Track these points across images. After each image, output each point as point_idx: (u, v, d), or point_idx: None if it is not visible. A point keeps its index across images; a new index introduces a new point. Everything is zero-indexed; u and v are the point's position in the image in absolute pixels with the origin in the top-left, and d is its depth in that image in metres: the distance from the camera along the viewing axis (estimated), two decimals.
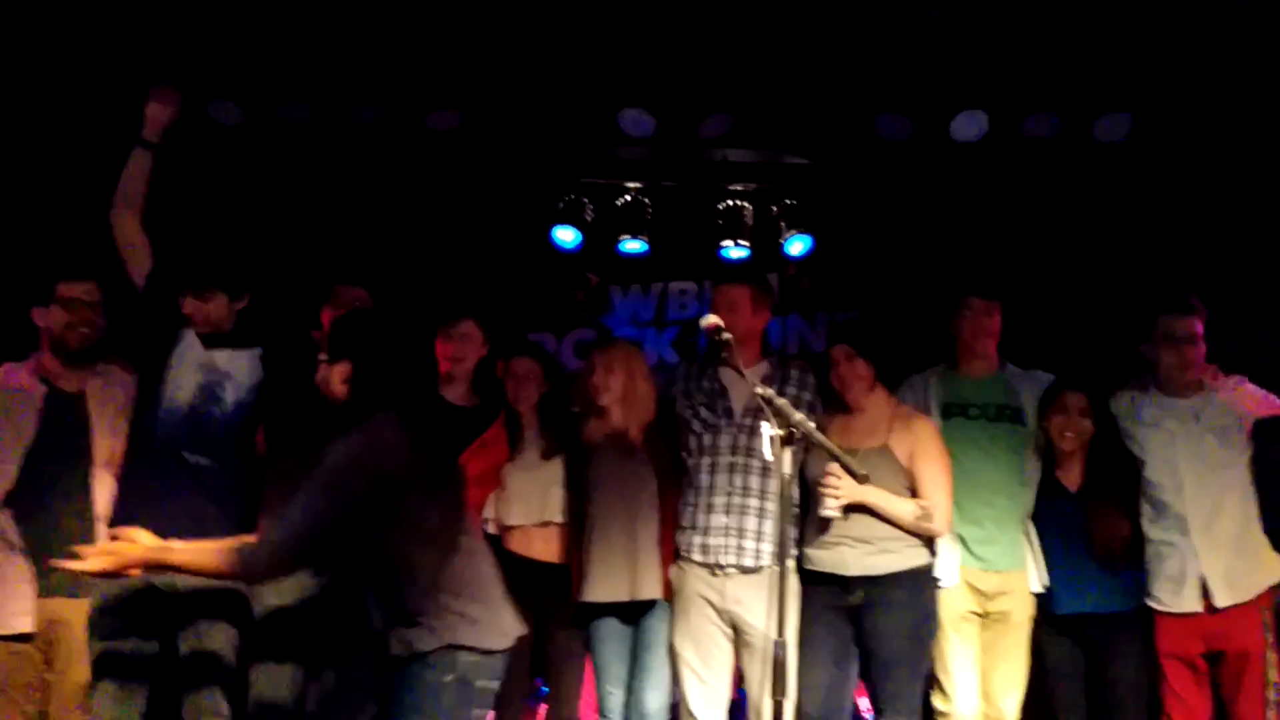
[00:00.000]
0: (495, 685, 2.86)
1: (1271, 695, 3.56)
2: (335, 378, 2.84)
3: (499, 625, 2.87)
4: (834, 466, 3.56)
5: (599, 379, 3.79)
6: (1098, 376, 3.98)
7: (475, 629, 2.78)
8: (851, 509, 3.62)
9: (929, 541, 3.73)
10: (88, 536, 3.43)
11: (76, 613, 3.38)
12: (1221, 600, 3.64)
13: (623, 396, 3.77)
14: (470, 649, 2.76)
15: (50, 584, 3.38)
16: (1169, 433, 3.76)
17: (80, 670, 3.40)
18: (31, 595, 3.33)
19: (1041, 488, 3.89)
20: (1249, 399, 3.78)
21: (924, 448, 3.73)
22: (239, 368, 3.56)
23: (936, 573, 3.78)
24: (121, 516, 3.40)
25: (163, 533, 3.08)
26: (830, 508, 3.60)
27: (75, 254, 3.86)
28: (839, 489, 3.57)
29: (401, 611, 2.76)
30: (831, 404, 3.85)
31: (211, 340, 3.54)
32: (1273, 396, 3.78)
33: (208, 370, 3.52)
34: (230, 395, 3.53)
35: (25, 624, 3.31)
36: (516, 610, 3.69)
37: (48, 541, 3.38)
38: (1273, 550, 3.72)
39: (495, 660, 2.84)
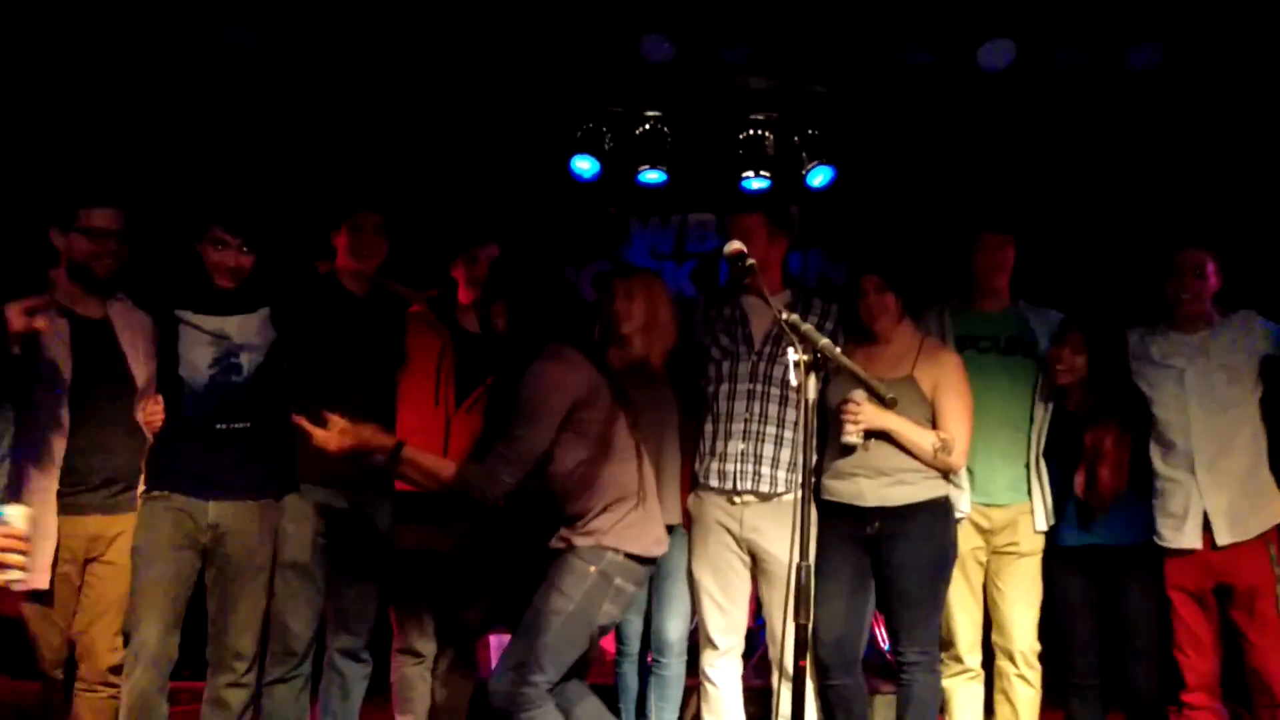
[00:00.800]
0: (633, 589, 3.31)
1: None
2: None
3: (648, 535, 3.33)
4: (856, 393, 3.56)
5: (621, 307, 3.76)
6: (1119, 312, 3.94)
7: (625, 534, 3.26)
8: (872, 438, 3.61)
9: (946, 474, 3.73)
10: (137, 460, 3.49)
11: (119, 525, 3.45)
12: (1222, 538, 3.63)
13: (645, 325, 3.74)
14: (616, 550, 3.24)
15: (92, 502, 3.41)
16: (1177, 370, 3.74)
17: (116, 586, 3.45)
18: (49, 552, 3.31)
19: (1053, 421, 3.87)
20: (1258, 331, 3.74)
21: (948, 380, 3.71)
22: (250, 333, 3.58)
23: (954, 504, 3.77)
24: (163, 480, 3.47)
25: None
26: (851, 434, 3.60)
27: (97, 177, 3.84)
28: (859, 414, 3.58)
29: (566, 513, 3.28)
30: (855, 335, 3.82)
31: (219, 306, 3.54)
32: None
33: (219, 342, 3.54)
34: (247, 361, 3.57)
35: (40, 581, 3.30)
36: (528, 539, 3.82)
37: (101, 469, 3.42)
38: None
39: (637, 566, 3.29)
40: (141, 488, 3.50)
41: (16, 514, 2.66)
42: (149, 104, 4.83)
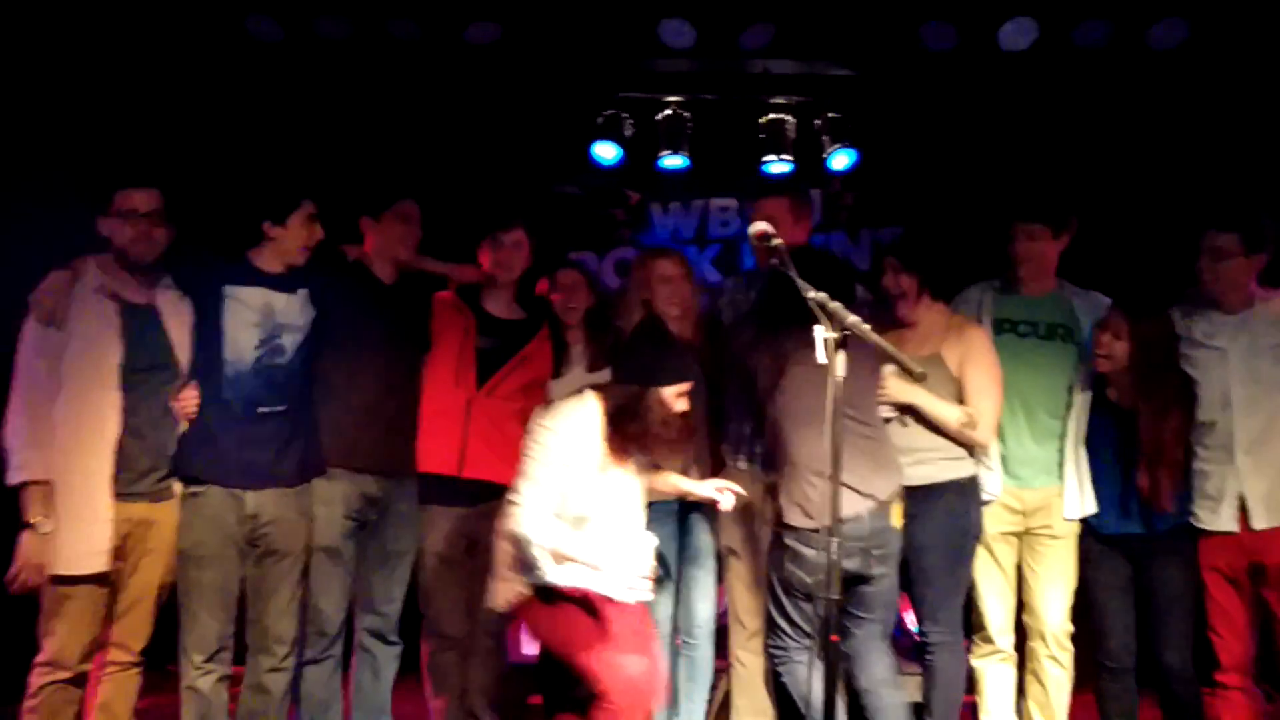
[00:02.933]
0: (823, 559, 3.12)
1: None
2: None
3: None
4: (887, 368, 3.56)
5: (675, 287, 3.84)
6: (1164, 295, 3.88)
7: (815, 505, 3.31)
8: (895, 417, 3.62)
9: (972, 455, 3.71)
10: (173, 447, 3.49)
11: (161, 513, 3.47)
12: (1259, 523, 3.61)
13: (687, 306, 3.81)
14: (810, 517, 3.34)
15: (140, 489, 3.42)
16: (1220, 351, 3.69)
17: (157, 572, 3.47)
18: (108, 535, 3.34)
19: (1094, 407, 3.84)
20: None
21: (974, 355, 3.71)
22: (293, 312, 3.60)
23: (983, 485, 3.77)
24: (200, 472, 3.48)
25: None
26: (881, 410, 3.59)
27: (134, 159, 3.86)
28: (885, 388, 3.58)
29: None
30: (885, 319, 3.79)
31: (267, 284, 3.56)
32: None
33: (266, 321, 3.55)
34: (290, 342, 3.58)
35: (101, 563, 3.33)
36: None
37: (147, 455, 3.43)
38: None
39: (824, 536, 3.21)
40: (175, 477, 3.50)
41: None
42: (181, 93, 4.86)
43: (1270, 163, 4.70)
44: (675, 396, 3.36)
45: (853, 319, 2.78)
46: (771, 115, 5.34)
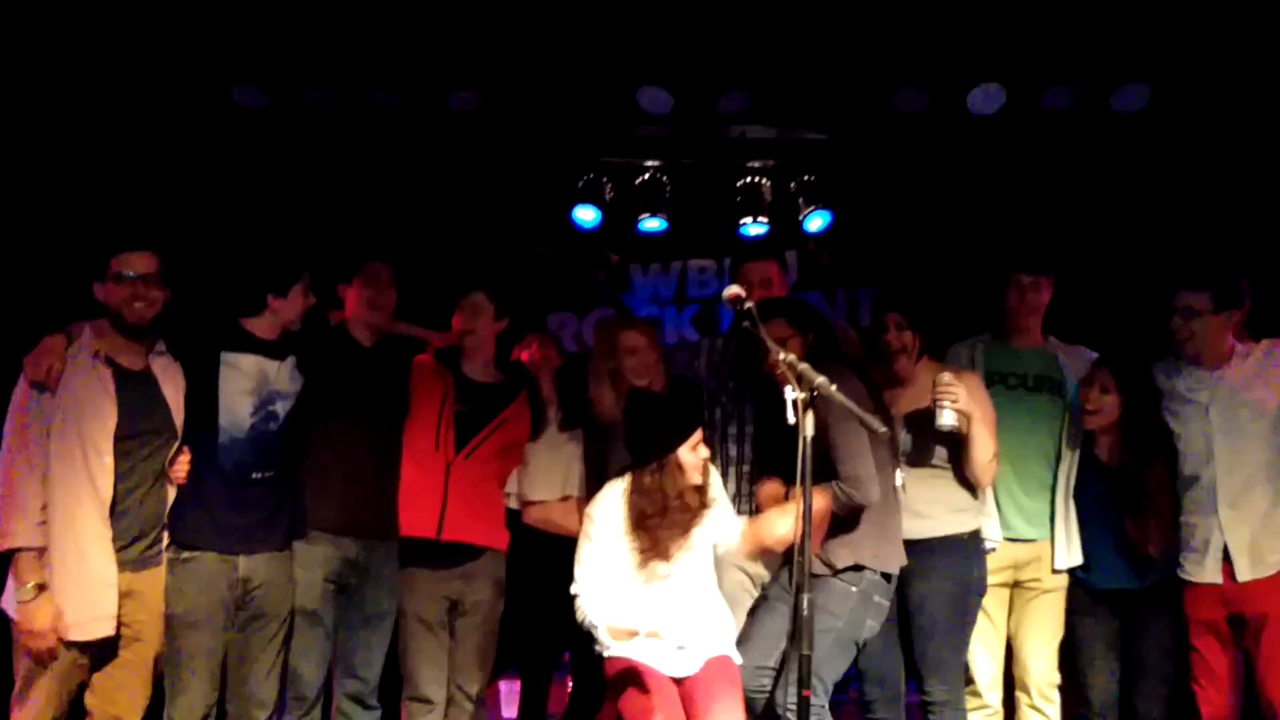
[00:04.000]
0: (886, 603, 3.51)
1: None
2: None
3: (895, 553, 3.54)
4: (944, 375, 3.57)
5: (641, 357, 3.90)
6: (1147, 350, 3.97)
7: (879, 554, 3.46)
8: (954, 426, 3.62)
9: (972, 507, 3.75)
10: (164, 514, 3.49)
11: (145, 582, 3.45)
12: (1243, 575, 3.66)
13: (655, 374, 3.88)
14: (872, 570, 3.44)
15: (127, 559, 3.41)
16: (1200, 405, 3.76)
17: (153, 641, 3.46)
18: (114, 599, 3.33)
19: (1080, 463, 3.91)
20: None
21: (973, 398, 3.68)
22: (284, 379, 3.64)
23: (985, 536, 3.81)
24: (194, 538, 3.48)
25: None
26: (948, 419, 3.56)
27: (131, 224, 3.88)
28: (955, 390, 3.55)
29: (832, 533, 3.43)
30: (882, 377, 3.82)
31: (262, 351, 3.60)
32: None
33: (261, 388, 3.59)
34: (282, 408, 3.62)
35: (108, 627, 3.33)
36: (537, 582, 3.81)
37: (137, 524, 3.43)
38: None
39: (888, 582, 3.51)
40: (166, 542, 3.50)
41: None
42: (171, 160, 4.93)
43: (1234, 220, 4.80)
44: (693, 449, 3.45)
45: (820, 379, 2.85)
46: (748, 178, 5.45)
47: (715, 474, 3.64)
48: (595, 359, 4.05)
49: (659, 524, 3.44)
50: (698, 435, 3.49)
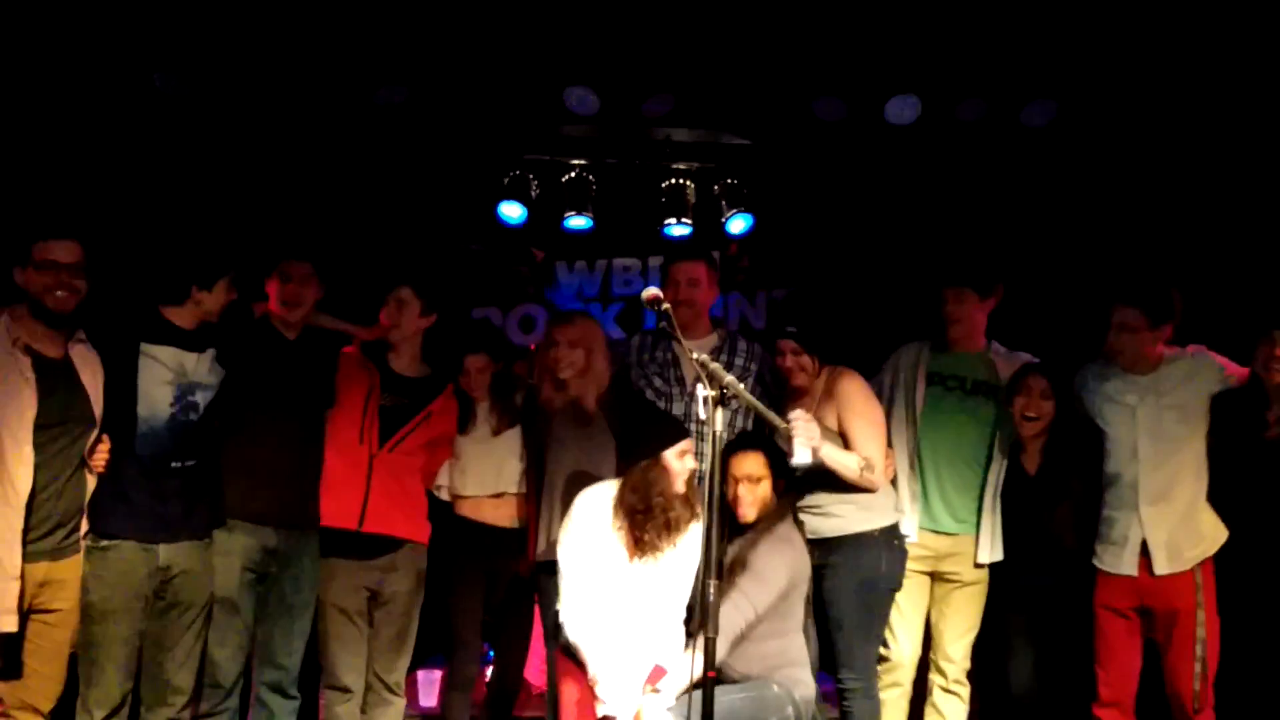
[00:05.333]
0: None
1: (1199, 651, 3.75)
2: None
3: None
4: (799, 412, 3.65)
5: (563, 353, 3.94)
6: (1069, 357, 4.14)
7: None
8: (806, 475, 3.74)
9: (881, 506, 3.90)
10: (82, 503, 3.46)
11: (63, 571, 3.42)
12: (1160, 569, 3.82)
13: (583, 370, 3.93)
14: None
15: (44, 549, 3.37)
16: (1129, 407, 3.91)
17: (61, 632, 3.43)
18: (15, 593, 3.28)
19: (1007, 469, 4.07)
20: (1207, 367, 3.89)
21: (849, 405, 3.88)
22: (204, 371, 3.63)
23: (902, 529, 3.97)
24: (113, 526, 3.46)
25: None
26: (803, 456, 3.60)
27: (54, 210, 3.81)
28: (810, 433, 3.63)
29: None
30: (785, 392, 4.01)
31: (180, 343, 3.59)
32: (1229, 363, 3.89)
33: (180, 380, 3.57)
34: (203, 399, 3.62)
35: (10, 623, 3.29)
36: (468, 574, 3.91)
37: (55, 513, 3.39)
38: (1217, 521, 3.88)
39: None
40: (84, 531, 3.47)
41: None
42: (91, 145, 4.86)
43: (1147, 230, 5.01)
44: (679, 455, 3.54)
45: (729, 378, 2.98)
46: (672, 180, 5.53)
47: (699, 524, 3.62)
48: (539, 351, 4.11)
49: (646, 519, 3.53)
50: (686, 444, 3.59)
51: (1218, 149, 4.88)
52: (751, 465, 3.69)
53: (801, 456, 3.55)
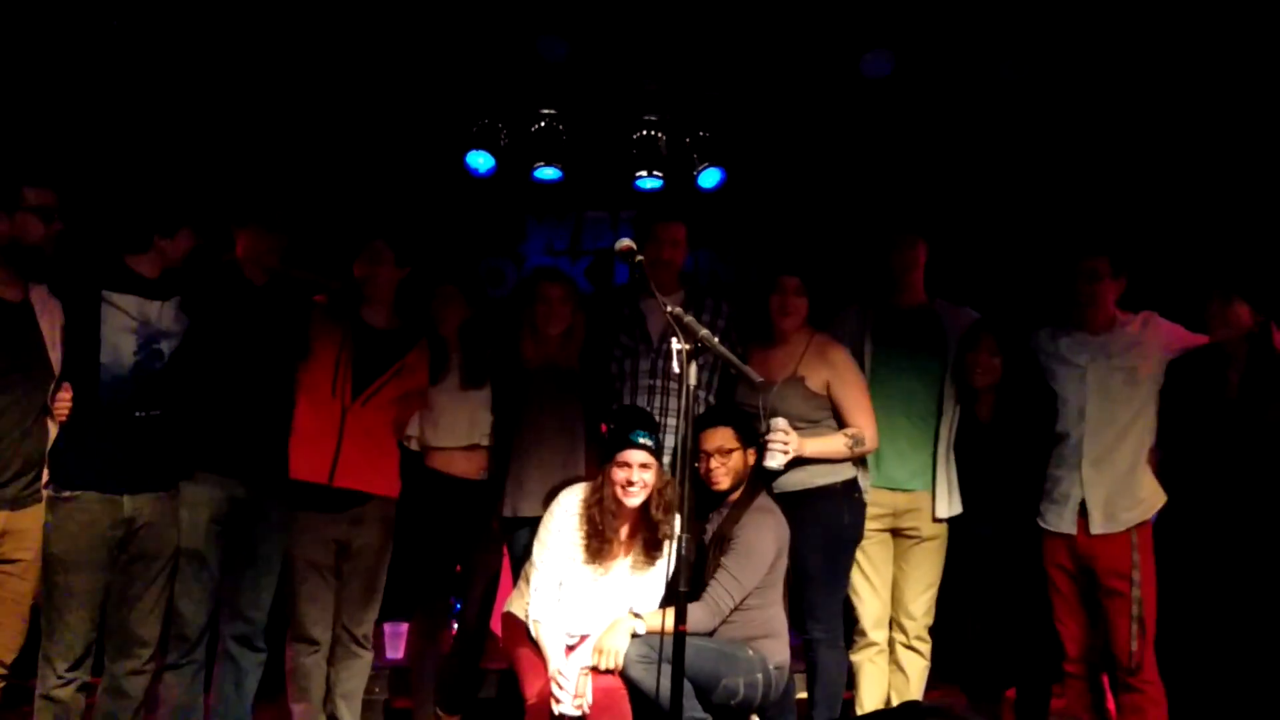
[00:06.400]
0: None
1: (1135, 610, 3.82)
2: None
3: None
4: (779, 421, 3.76)
5: (556, 309, 3.97)
6: (1027, 313, 4.18)
7: None
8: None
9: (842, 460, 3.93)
10: (44, 450, 3.40)
11: (24, 520, 3.36)
12: (1095, 529, 3.89)
13: (569, 326, 3.94)
14: None
15: (3, 496, 3.31)
16: (1080, 367, 3.97)
17: (23, 582, 3.38)
18: None
19: (960, 421, 4.12)
20: (1159, 335, 3.96)
21: (840, 375, 3.94)
22: (168, 319, 3.58)
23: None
24: (75, 477, 3.40)
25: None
26: (777, 462, 3.78)
27: (35, 156, 3.73)
28: (788, 444, 3.76)
29: None
30: (751, 336, 4.02)
31: (143, 292, 3.52)
32: (1181, 329, 3.96)
33: (143, 327, 3.52)
34: (167, 347, 3.56)
35: None
36: (437, 527, 3.93)
37: (14, 460, 3.32)
38: (1156, 486, 3.94)
39: None
40: (45, 481, 3.42)
41: None
42: (52, 89, 4.73)
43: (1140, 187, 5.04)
44: (619, 466, 3.56)
45: (704, 332, 2.97)
46: (644, 131, 5.46)
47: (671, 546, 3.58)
48: (521, 307, 4.11)
49: (596, 522, 3.59)
50: (626, 456, 3.57)
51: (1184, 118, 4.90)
52: (721, 438, 3.76)
53: (775, 463, 3.75)
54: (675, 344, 2.95)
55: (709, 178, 5.50)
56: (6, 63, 4.58)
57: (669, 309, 3.00)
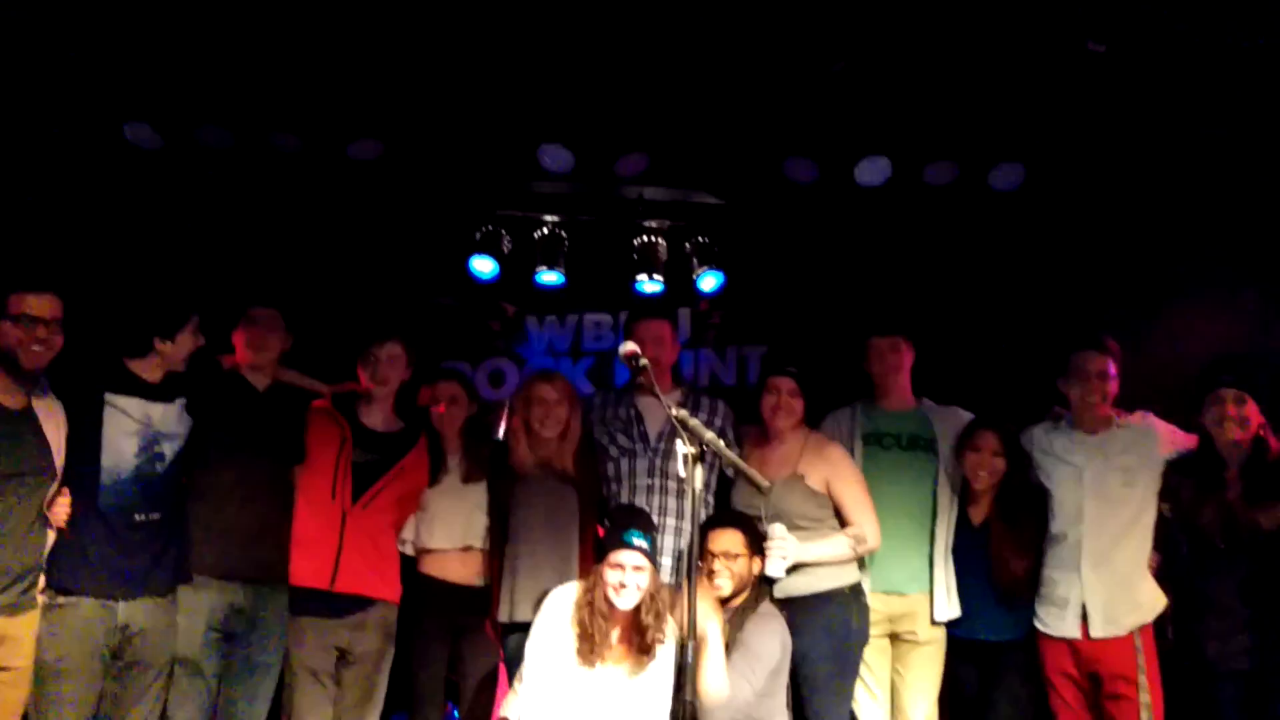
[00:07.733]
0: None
1: (1143, 716, 3.75)
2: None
3: None
4: (777, 528, 3.74)
5: (551, 410, 3.94)
6: (1015, 414, 4.16)
7: None
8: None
9: (852, 562, 3.91)
10: (41, 556, 3.38)
11: (19, 627, 3.34)
12: (1096, 632, 3.84)
13: (565, 428, 3.92)
14: None
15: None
16: (1077, 467, 3.94)
17: (16, 690, 3.34)
18: None
19: (956, 521, 4.08)
20: (1156, 435, 3.93)
21: (839, 473, 3.95)
22: (171, 421, 3.59)
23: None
24: (71, 582, 3.39)
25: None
26: (777, 569, 3.76)
27: (34, 261, 3.76)
28: (785, 549, 3.74)
29: None
30: (746, 437, 4.05)
31: (146, 394, 3.54)
32: (1178, 430, 3.94)
33: (145, 429, 3.53)
34: (169, 450, 3.57)
35: None
36: (432, 632, 3.80)
37: (13, 566, 3.31)
38: (1156, 589, 3.89)
39: None
40: (41, 586, 3.39)
41: None
42: (61, 197, 4.82)
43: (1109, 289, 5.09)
44: (610, 566, 3.46)
45: (709, 435, 2.97)
46: (644, 237, 5.52)
47: (669, 647, 3.52)
48: (514, 408, 4.10)
49: (586, 624, 3.48)
50: (618, 556, 3.47)
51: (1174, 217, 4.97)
52: (729, 542, 3.74)
53: (776, 570, 3.73)
54: (681, 447, 2.94)
55: (708, 281, 5.56)
56: (16, 166, 4.66)
57: (673, 410, 3.00)
